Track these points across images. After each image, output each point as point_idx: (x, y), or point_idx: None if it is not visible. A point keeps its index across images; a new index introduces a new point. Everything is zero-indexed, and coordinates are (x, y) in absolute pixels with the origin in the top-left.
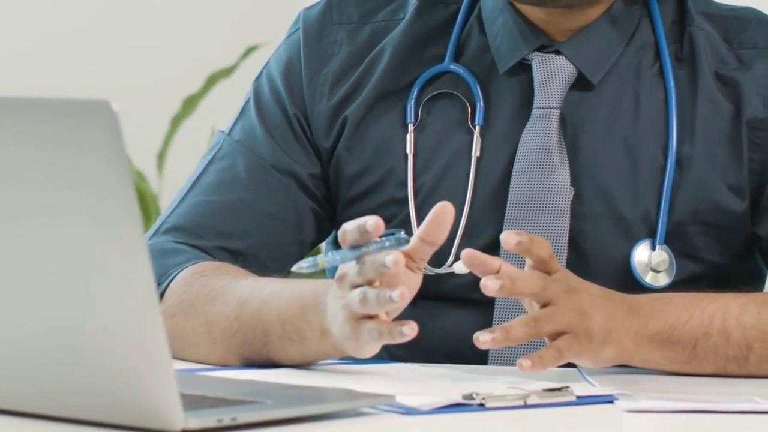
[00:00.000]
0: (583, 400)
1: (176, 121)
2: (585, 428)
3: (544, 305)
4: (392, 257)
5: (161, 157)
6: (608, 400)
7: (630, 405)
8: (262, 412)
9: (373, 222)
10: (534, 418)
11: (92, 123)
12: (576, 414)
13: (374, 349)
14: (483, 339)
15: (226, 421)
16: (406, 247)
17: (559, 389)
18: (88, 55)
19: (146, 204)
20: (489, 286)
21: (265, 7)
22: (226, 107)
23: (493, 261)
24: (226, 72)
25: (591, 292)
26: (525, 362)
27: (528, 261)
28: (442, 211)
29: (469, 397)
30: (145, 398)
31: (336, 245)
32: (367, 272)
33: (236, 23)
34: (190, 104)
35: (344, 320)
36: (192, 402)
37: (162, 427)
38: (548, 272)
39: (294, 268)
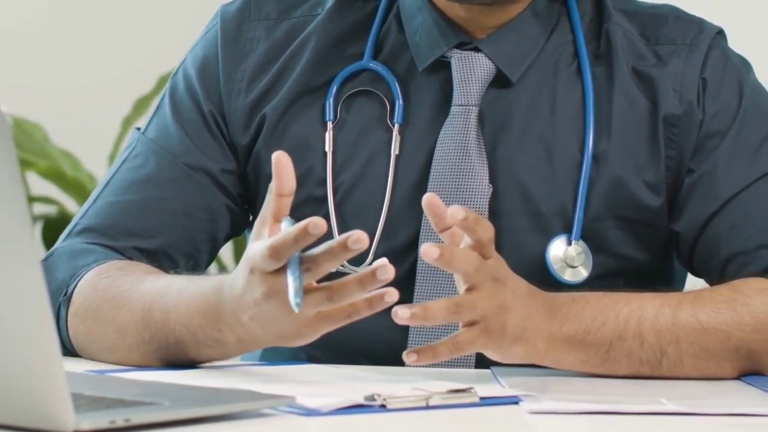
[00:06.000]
0: (487, 401)
1: (128, 123)
2: (486, 429)
3: (468, 288)
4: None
5: (113, 159)
6: (513, 401)
7: (533, 406)
8: (157, 413)
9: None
10: (436, 420)
11: None
12: (479, 415)
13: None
14: (402, 314)
15: (120, 422)
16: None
17: (463, 390)
18: (37, 56)
19: None
20: (430, 252)
21: (217, 7)
22: None
23: (447, 217)
24: None
25: (516, 288)
26: (410, 356)
27: (466, 240)
28: (278, 161)
29: (371, 398)
30: (37, 399)
31: None
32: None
33: (187, 23)
34: (141, 105)
35: (302, 325)
36: (89, 403)
37: (53, 428)
38: (484, 256)
39: None
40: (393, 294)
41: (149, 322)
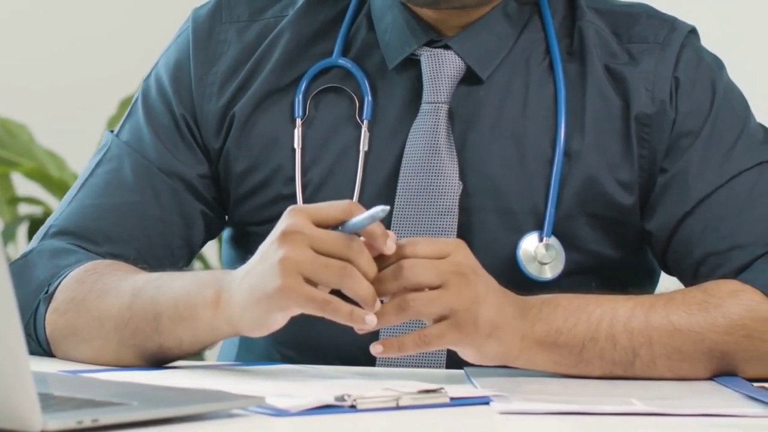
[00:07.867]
0: (457, 402)
1: (113, 123)
2: (456, 430)
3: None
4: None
5: None
6: (483, 401)
7: (504, 407)
8: (125, 414)
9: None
10: (406, 420)
11: None
12: (449, 415)
13: (281, 321)
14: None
15: (87, 422)
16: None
17: (433, 391)
18: (22, 56)
19: None
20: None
21: None
22: None
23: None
24: None
25: (489, 282)
26: (376, 347)
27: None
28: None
29: (341, 398)
30: (3, 399)
31: (235, 243)
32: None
33: (173, 24)
34: (126, 106)
35: (280, 273)
36: (58, 403)
37: (20, 428)
38: (404, 255)
39: None
40: (373, 320)
41: (135, 301)
